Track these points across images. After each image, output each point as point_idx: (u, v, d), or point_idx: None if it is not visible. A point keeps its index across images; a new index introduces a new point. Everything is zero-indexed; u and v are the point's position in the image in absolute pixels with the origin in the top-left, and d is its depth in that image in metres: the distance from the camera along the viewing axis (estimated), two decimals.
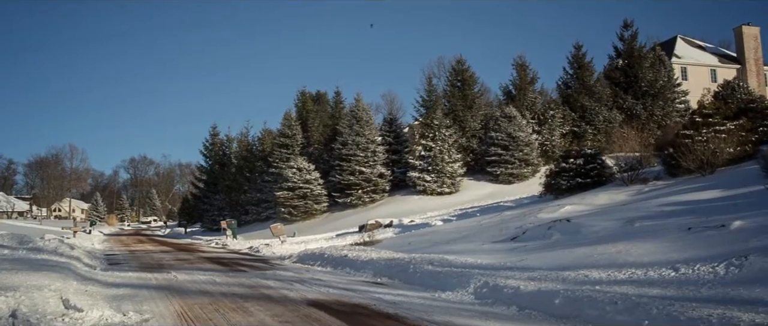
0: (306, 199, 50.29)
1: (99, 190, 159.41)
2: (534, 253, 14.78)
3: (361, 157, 50.50)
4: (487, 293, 10.74)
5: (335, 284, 13.57)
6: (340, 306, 10.25)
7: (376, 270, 15.69)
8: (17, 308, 9.18)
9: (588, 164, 29.40)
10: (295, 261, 21.19)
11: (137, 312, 9.56)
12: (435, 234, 24.41)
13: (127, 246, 35.90)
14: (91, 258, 21.85)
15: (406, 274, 14.19)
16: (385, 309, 9.77)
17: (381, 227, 31.33)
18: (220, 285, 13.63)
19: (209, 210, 68.87)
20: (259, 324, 8.57)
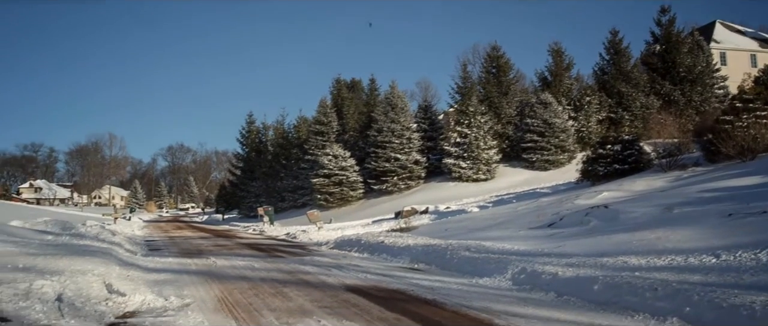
0: (342, 186, 50.41)
1: (138, 178, 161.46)
2: (571, 239, 14.74)
3: (397, 143, 50.49)
4: (524, 279, 10.75)
5: (373, 270, 13.67)
6: (378, 291, 10.34)
7: (413, 256, 15.76)
8: (63, 292, 9.39)
9: (625, 150, 29.18)
10: (332, 247, 21.33)
11: (178, 297, 9.73)
12: (471, 220, 24.40)
13: (167, 232, 36.34)
14: (132, 243, 22.19)
15: (443, 260, 14.25)
16: (423, 294, 9.84)
17: (417, 213, 31.37)
18: (259, 270, 13.80)
19: (246, 197, 69.36)
20: (299, 309, 8.68)
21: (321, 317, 7.96)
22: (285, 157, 64.65)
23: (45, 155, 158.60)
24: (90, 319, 8.06)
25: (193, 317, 8.12)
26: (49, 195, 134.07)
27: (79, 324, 7.80)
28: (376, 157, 50.91)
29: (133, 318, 8.29)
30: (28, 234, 19.45)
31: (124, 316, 8.42)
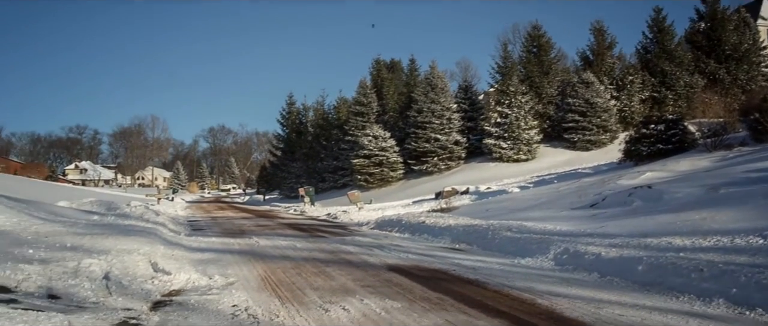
0: (382, 167, 50.49)
1: (180, 159, 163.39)
2: (614, 220, 14.60)
3: (437, 124, 50.37)
4: (567, 259, 10.70)
5: (414, 250, 13.69)
6: (419, 271, 10.36)
7: (454, 236, 15.75)
8: (110, 270, 9.56)
9: (669, 130, 28.78)
10: (372, 227, 21.39)
11: (222, 276, 9.86)
12: (512, 201, 24.30)
13: (209, 212, 36.73)
14: (176, 224, 22.48)
15: (485, 240, 14.22)
16: (465, 274, 9.84)
17: (457, 194, 31.32)
18: (301, 250, 13.90)
19: (287, 178, 69.79)
20: (341, 288, 8.73)
21: (364, 296, 8.01)
22: (325, 137, 64.90)
23: (89, 137, 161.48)
24: (137, 297, 8.20)
25: (237, 295, 8.22)
26: (93, 177, 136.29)
27: (127, 302, 7.94)
28: (416, 137, 50.86)
29: (178, 296, 8.41)
30: (75, 214, 19.80)
31: (170, 294, 8.55)
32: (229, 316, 7.04)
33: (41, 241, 12.03)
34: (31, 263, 9.36)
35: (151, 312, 7.37)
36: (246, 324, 6.64)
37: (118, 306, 7.68)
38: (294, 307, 7.46)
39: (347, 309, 7.25)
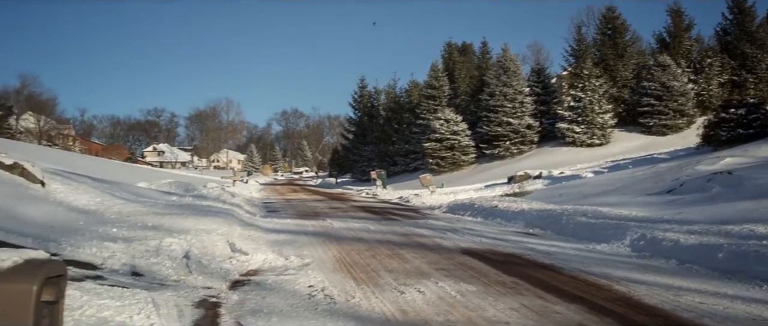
0: (453, 150, 50.41)
1: (253, 142, 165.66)
2: (692, 206, 14.31)
3: (509, 107, 50.01)
4: (644, 246, 10.53)
5: (487, 234, 13.67)
6: (493, 255, 10.34)
7: (528, 221, 15.65)
8: (189, 250, 9.80)
9: (750, 114, 27.97)
10: (445, 211, 21.38)
11: (298, 257, 10.00)
12: (586, 186, 24.00)
13: (283, 195, 37.19)
14: (251, 205, 22.85)
15: (559, 225, 14.10)
16: (539, 259, 9.78)
17: (530, 178, 31.06)
18: (375, 232, 14.00)
19: (358, 161, 70.21)
20: (416, 271, 8.77)
21: (438, 279, 8.03)
22: (397, 121, 65.01)
23: (167, 120, 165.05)
24: (216, 276, 8.39)
25: (313, 276, 8.33)
26: (170, 159, 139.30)
27: (207, 280, 8.13)
28: (488, 121, 50.59)
29: (256, 276, 8.57)
30: (154, 194, 20.30)
31: (248, 274, 8.72)
32: (306, 296, 7.15)
33: (124, 221, 12.39)
34: (115, 241, 9.65)
35: (230, 291, 7.53)
36: (323, 304, 6.73)
37: (198, 284, 7.88)
38: (369, 289, 7.53)
39: (422, 291, 7.29)
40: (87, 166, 31.87)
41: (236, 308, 6.64)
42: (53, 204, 13.13)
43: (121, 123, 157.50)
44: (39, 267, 1.74)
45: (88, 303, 5.38)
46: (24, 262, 1.74)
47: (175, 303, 6.55)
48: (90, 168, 30.53)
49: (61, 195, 14.24)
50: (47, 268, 1.76)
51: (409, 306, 6.59)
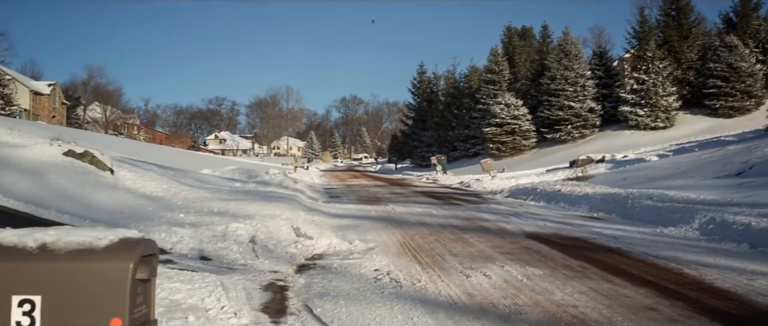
0: (514, 135, 50.01)
1: (313, 129, 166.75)
2: (763, 189, 13.96)
3: (570, 91, 49.33)
4: (713, 229, 10.33)
5: (551, 218, 13.56)
6: (558, 238, 10.26)
7: (592, 205, 15.48)
8: (255, 234, 9.94)
9: None
10: (506, 195, 21.25)
11: (362, 241, 10.06)
12: (650, 169, 23.61)
13: (343, 181, 37.40)
14: (313, 191, 23.07)
15: (624, 209, 13.92)
16: (605, 243, 9.68)
17: (593, 162, 30.65)
18: (437, 217, 14.01)
19: (418, 147, 70.17)
20: (480, 255, 8.75)
21: (504, 263, 8.00)
22: (456, 106, 64.73)
23: (228, 108, 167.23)
24: (282, 260, 8.49)
25: (378, 260, 8.37)
26: (232, 146, 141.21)
27: (273, 264, 8.23)
28: (548, 105, 50.01)
29: (321, 260, 8.66)
30: (218, 181, 20.62)
31: (313, 258, 8.81)
32: (372, 280, 7.19)
33: (190, 206, 12.63)
34: (183, 226, 9.85)
35: (296, 275, 7.62)
36: (389, 288, 6.76)
37: (265, 268, 7.98)
38: (435, 272, 7.54)
39: (488, 275, 7.27)
40: (152, 154, 32.48)
41: (303, 291, 6.71)
42: (122, 191, 13.44)
43: (183, 112, 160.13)
44: (134, 245, 1.78)
45: (160, 287, 5.48)
46: (119, 241, 1.78)
47: (244, 287, 6.65)
48: (155, 156, 31.12)
49: (129, 182, 14.57)
50: (142, 247, 1.80)
51: (475, 290, 6.58)
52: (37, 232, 1.80)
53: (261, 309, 5.94)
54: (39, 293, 1.70)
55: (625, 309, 5.73)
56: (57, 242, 1.75)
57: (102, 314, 1.69)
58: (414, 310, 5.79)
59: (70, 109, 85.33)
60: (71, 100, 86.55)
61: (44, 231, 1.81)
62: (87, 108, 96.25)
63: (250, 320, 5.22)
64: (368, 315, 5.66)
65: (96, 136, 47.65)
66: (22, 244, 1.76)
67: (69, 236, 1.78)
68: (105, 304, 1.69)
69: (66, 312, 1.70)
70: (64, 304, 1.69)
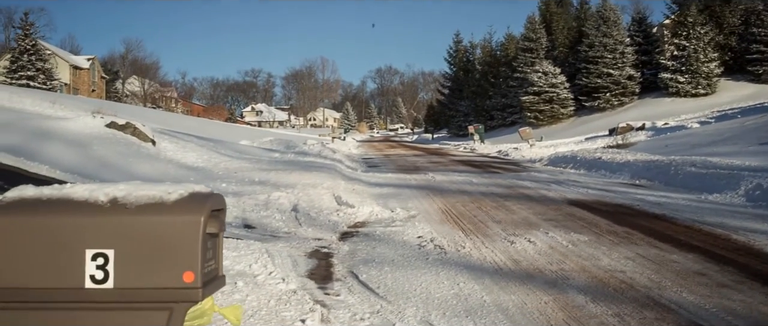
0: (552, 103, 49.58)
1: (349, 100, 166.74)
2: None
3: (609, 58, 48.71)
4: (760, 195, 10.16)
5: (592, 185, 13.45)
6: (602, 205, 10.18)
7: (633, 172, 15.32)
8: (297, 203, 9.99)
9: None
10: (545, 164, 21.11)
11: (404, 209, 10.06)
12: (692, 136, 23.33)
13: (381, 151, 37.39)
14: (351, 161, 23.09)
15: (667, 176, 13.76)
16: (650, 209, 9.58)
17: (633, 130, 30.31)
18: (477, 185, 13.95)
19: (455, 117, 69.89)
20: (524, 221, 8.71)
21: (548, 229, 7.95)
22: (493, 75, 64.30)
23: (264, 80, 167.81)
24: (325, 228, 8.52)
25: (420, 228, 8.36)
26: (268, 118, 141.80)
27: (316, 232, 8.27)
28: (587, 72, 49.46)
29: (363, 227, 8.67)
30: (257, 152, 20.73)
31: (356, 226, 8.82)
32: (416, 247, 7.19)
33: (232, 176, 12.73)
34: (225, 196, 9.87)
35: (340, 242, 7.64)
36: (433, 254, 6.76)
37: (308, 235, 8.03)
38: (479, 239, 7.52)
39: (533, 241, 7.23)
40: (190, 126, 32.75)
41: (348, 258, 6.73)
42: (164, 162, 13.58)
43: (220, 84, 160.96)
44: (204, 199, 1.78)
45: None
46: (189, 195, 1.79)
47: (289, 254, 6.70)
48: (193, 127, 31.37)
49: (170, 153, 14.72)
50: (212, 201, 1.80)
51: (520, 256, 6.55)
52: (106, 187, 1.81)
53: (307, 275, 5.97)
54: (111, 247, 1.72)
55: (674, 274, 5.67)
56: (127, 196, 1.76)
57: (175, 267, 1.70)
58: (460, 276, 5.78)
59: (109, 83, 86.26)
60: (110, 74, 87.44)
61: (114, 186, 1.82)
62: (125, 81, 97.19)
63: (298, 286, 5.25)
64: (414, 281, 5.66)
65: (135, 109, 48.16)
66: (93, 199, 1.77)
67: (139, 190, 1.79)
68: (177, 258, 1.70)
69: (139, 265, 1.71)
70: (136, 258, 1.71)
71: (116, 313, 1.73)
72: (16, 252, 1.75)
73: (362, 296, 5.25)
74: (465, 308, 4.84)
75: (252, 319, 4.31)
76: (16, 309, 1.77)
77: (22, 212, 1.81)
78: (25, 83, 52.71)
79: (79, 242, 1.71)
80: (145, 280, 1.70)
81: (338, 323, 4.50)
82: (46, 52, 61.35)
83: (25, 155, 10.98)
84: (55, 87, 57.79)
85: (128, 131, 14.31)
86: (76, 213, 1.74)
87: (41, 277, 1.74)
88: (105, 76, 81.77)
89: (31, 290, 1.75)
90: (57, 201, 1.80)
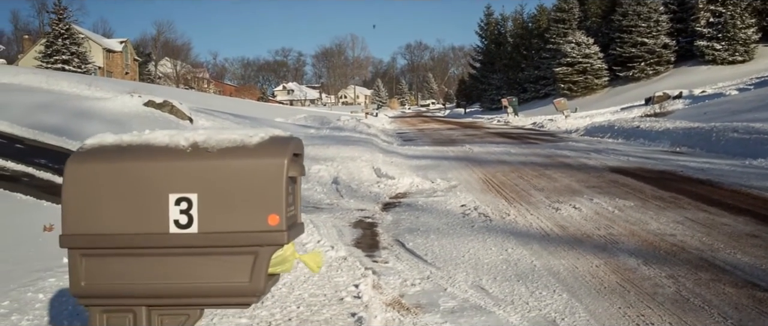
0: (586, 74, 49.07)
1: (379, 77, 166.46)
2: None
3: (643, 27, 48.00)
4: None
5: (632, 153, 13.32)
6: (644, 172, 10.08)
7: (673, 139, 15.15)
8: (337, 175, 10.00)
9: None
10: (582, 134, 20.95)
11: (444, 180, 10.02)
12: (732, 103, 22.94)
13: (414, 125, 37.31)
14: (386, 135, 23.10)
15: (709, 143, 13.58)
16: (694, 175, 9.46)
17: (669, 99, 29.90)
18: (516, 155, 13.87)
19: (487, 90, 69.49)
20: (566, 188, 8.64)
21: (592, 196, 7.88)
22: (525, 47, 63.83)
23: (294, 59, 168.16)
24: (367, 199, 8.52)
25: (463, 197, 8.32)
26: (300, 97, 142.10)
27: (358, 203, 8.28)
28: (621, 42, 48.80)
29: (405, 198, 8.66)
30: (292, 128, 20.81)
31: (397, 197, 8.81)
32: (460, 215, 7.16)
33: None
34: None
35: (383, 212, 7.64)
36: (479, 222, 6.72)
37: (350, 206, 8.04)
38: (523, 207, 7.47)
39: (578, 207, 7.16)
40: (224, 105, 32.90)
41: (392, 227, 6.72)
42: None
43: (251, 64, 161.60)
44: (285, 143, 1.77)
45: None
46: (270, 138, 1.77)
47: (333, 224, 6.71)
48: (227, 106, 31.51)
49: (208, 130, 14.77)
50: (293, 145, 1.78)
51: (567, 222, 6.50)
52: (186, 133, 1.80)
53: (353, 244, 5.98)
54: (195, 191, 1.71)
55: (725, 236, 5.59)
56: (208, 140, 1.75)
57: (259, 211, 1.69)
58: (507, 242, 5.75)
59: (142, 65, 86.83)
60: (142, 56, 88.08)
61: (193, 132, 1.81)
62: (158, 63, 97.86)
63: (347, 253, 5.24)
64: (461, 248, 5.64)
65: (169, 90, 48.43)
66: (174, 144, 1.76)
67: (219, 135, 1.78)
68: (261, 201, 1.69)
69: (222, 209, 1.70)
70: (220, 202, 1.70)
71: (201, 258, 1.72)
72: (99, 198, 1.75)
73: (410, 263, 5.25)
74: (515, 272, 4.82)
75: (305, 285, 4.32)
76: (103, 256, 1.78)
77: (104, 158, 1.81)
78: (60, 67, 53.21)
79: (162, 187, 1.71)
80: (230, 224, 1.69)
81: (390, 288, 4.50)
82: (80, 36, 61.87)
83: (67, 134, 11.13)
84: (89, 70, 58.29)
85: (166, 109, 14.42)
86: (158, 158, 1.73)
87: (126, 223, 1.74)
88: (137, 58, 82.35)
89: (117, 235, 1.75)
90: (137, 147, 1.80)
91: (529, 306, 4.03)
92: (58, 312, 3.88)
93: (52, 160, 10.05)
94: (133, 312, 1.81)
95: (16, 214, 6.96)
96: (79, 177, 1.78)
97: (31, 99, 16.10)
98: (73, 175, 1.79)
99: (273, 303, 3.93)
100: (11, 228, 6.37)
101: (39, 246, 5.52)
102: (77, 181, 1.78)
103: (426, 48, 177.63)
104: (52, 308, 3.94)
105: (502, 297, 4.24)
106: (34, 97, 16.80)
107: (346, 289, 4.20)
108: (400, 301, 4.23)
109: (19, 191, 8.09)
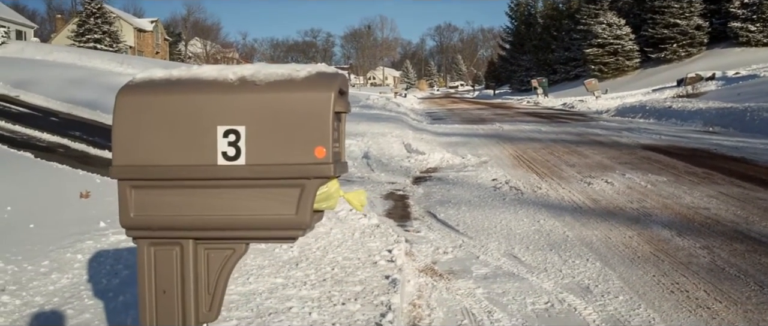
0: (617, 56, 48.57)
1: (408, 58, 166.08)
2: None
3: (676, 8, 47.37)
4: None
5: (665, 132, 13.21)
6: (677, 149, 9.98)
7: (706, 119, 14.98)
8: (368, 150, 10.03)
9: None
10: (613, 114, 20.79)
11: (474, 156, 10.01)
12: (766, 84, 22.65)
13: (443, 106, 37.20)
14: (416, 114, 23.08)
15: (742, 123, 13.42)
16: (728, 153, 9.37)
17: (702, 80, 29.56)
18: (547, 133, 13.81)
19: (516, 72, 69.10)
20: (598, 165, 8.59)
21: (624, 171, 7.83)
22: (555, 28, 63.27)
23: (323, 40, 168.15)
24: (397, 173, 8.54)
25: (493, 171, 8.32)
26: None
27: (389, 177, 8.30)
28: (653, 23, 48.20)
29: (436, 172, 8.67)
30: None
31: (427, 171, 8.83)
32: (491, 189, 7.16)
33: None
34: None
35: (414, 185, 7.66)
36: (510, 195, 6.72)
37: (382, 180, 8.06)
38: (554, 181, 7.45)
39: (610, 182, 7.13)
40: None
41: (423, 200, 6.74)
42: None
43: (280, 45, 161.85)
44: (332, 78, 1.78)
45: None
46: (316, 73, 1.78)
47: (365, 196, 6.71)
48: None
49: None
50: (340, 80, 1.80)
51: (599, 196, 6.47)
52: (234, 67, 1.82)
53: (385, 214, 6.01)
54: (243, 123, 1.73)
55: (760, 210, 5.54)
56: (256, 74, 1.76)
57: (306, 143, 1.70)
58: (539, 214, 5.75)
59: (172, 45, 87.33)
60: (173, 36, 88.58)
61: (241, 67, 1.83)
62: (188, 43, 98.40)
63: (379, 222, 5.26)
64: (493, 219, 5.65)
65: None
66: (223, 77, 1.78)
67: (267, 69, 1.79)
68: (308, 134, 1.70)
69: (270, 141, 1.72)
70: (267, 134, 1.72)
71: (248, 191, 1.74)
72: (149, 130, 1.77)
73: (442, 232, 5.27)
74: (548, 242, 4.82)
75: (339, 248, 4.35)
76: (152, 187, 1.80)
77: (153, 91, 1.83)
78: (92, 46, 53.59)
79: (210, 119, 1.72)
80: (277, 156, 1.70)
81: (422, 256, 4.52)
82: (111, 16, 62.25)
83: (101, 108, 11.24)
84: (120, 49, 58.70)
85: None
86: (206, 90, 1.74)
87: (175, 154, 1.75)
88: (168, 38, 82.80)
89: (166, 167, 1.77)
90: (186, 81, 1.82)
91: (562, 273, 4.04)
92: (96, 271, 3.96)
93: (86, 133, 10.18)
94: (180, 245, 1.84)
95: (53, 182, 7.07)
96: (129, 109, 1.81)
97: (65, 75, 16.31)
98: (123, 107, 1.81)
99: (308, 265, 3.97)
100: (49, 194, 6.46)
101: (76, 211, 5.61)
102: (127, 113, 1.80)
103: (455, 30, 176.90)
104: (90, 268, 4.01)
105: (535, 264, 4.25)
106: (68, 73, 17.01)
107: (380, 253, 4.23)
108: (432, 268, 4.25)
109: (55, 160, 8.22)
